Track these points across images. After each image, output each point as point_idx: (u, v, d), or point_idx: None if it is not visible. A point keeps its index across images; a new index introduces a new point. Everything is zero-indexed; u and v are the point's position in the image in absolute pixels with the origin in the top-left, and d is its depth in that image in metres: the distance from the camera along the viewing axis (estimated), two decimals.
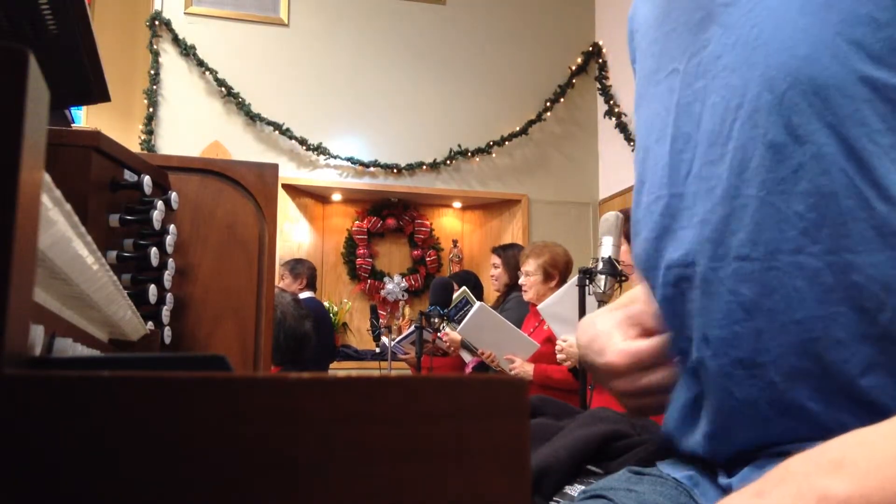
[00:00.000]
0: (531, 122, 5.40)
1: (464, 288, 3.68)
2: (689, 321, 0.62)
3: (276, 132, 4.98)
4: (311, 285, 4.29)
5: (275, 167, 1.33)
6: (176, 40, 4.90)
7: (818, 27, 0.51)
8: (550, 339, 3.10)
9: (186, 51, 4.89)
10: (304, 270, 4.26)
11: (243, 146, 4.91)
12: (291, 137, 4.99)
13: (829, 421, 0.53)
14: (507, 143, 5.35)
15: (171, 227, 1.10)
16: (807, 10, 0.52)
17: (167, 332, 1.11)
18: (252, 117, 4.95)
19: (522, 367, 3.08)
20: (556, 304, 2.85)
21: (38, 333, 0.38)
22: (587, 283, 2.39)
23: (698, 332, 0.60)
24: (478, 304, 3.23)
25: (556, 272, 3.21)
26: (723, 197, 0.57)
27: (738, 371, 0.57)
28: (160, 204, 1.03)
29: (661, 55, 0.69)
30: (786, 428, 0.55)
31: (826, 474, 0.43)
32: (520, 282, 3.31)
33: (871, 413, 0.51)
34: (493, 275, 3.89)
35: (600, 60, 5.50)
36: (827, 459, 0.45)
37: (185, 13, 4.97)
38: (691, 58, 0.63)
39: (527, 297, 3.28)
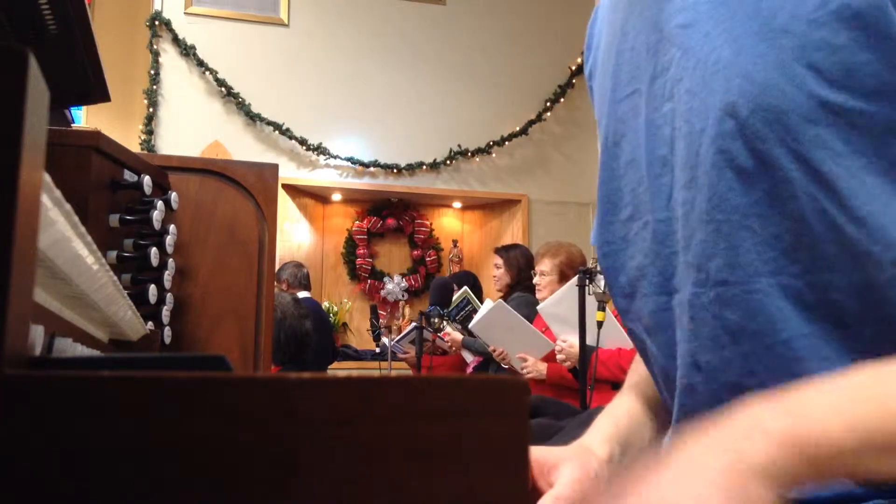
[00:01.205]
0: (531, 122, 5.40)
1: (465, 288, 3.68)
2: (677, 348, 0.61)
3: (276, 132, 4.98)
4: (299, 286, 4.22)
5: (275, 167, 1.33)
6: (176, 40, 4.90)
7: (775, 53, 0.51)
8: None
9: (186, 51, 4.90)
10: (283, 275, 4.19)
11: (243, 146, 4.91)
12: (291, 137, 4.99)
13: None
14: (507, 143, 5.35)
15: (171, 228, 1.10)
16: (764, 36, 0.52)
17: (167, 332, 1.11)
18: (252, 117, 4.95)
19: (535, 366, 3.07)
20: (556, 305, 2.85)
21: (38, 333, 0.38)
22: (587, 283, 2.39)
23: (688, 358, 0.60)
24: (497, 301, 3.23)
25: (571, 273, 3.20)
26: (698, 222, 0.57)
27: (728, 395, 0.57)
28: (160, 204, 1.03)
29: (618, 74, 0.68)
30: None
31: (770, 414, 0.42)
32: (534, 281, 3.31)
33: None
34: (495, 275, 3.90)
35: None
36: (778, 403, 0.44)
37: (185, 13, 4.97)
38: (653, 80, 0.62)
39: (540, 296, 3.27)
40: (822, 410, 0.42)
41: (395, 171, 5.20)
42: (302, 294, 4.08)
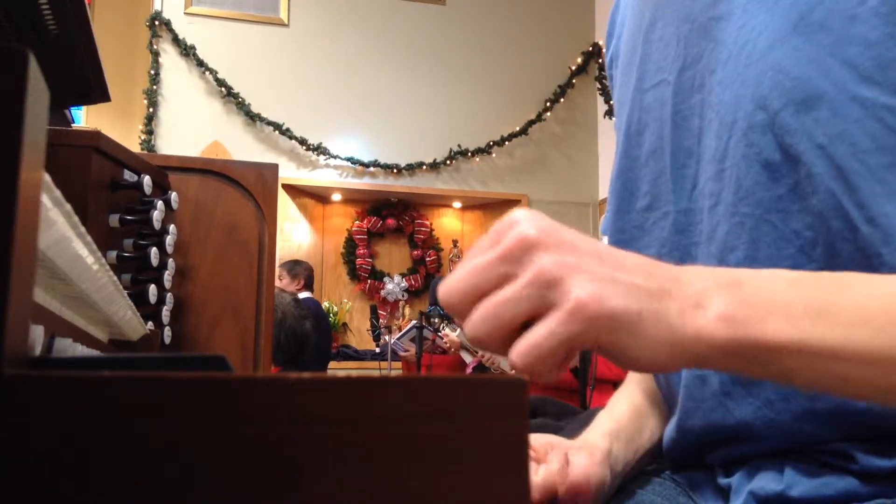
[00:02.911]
0: (531, 122, 5.40)
1: None
2: None
3: (276, 132, 4.98)
4: (308, 286, 4.30)
5: (275, 167, 1.33)
6: (176, 40, 4.90)
7: (812, 47, 0.51)
8: None
9: (186, 51, 4.90)
10: (301, 271, 4.27)
11: (243, 146, 4.91)
12: (291, 137, 4.99)
13: (820, 438, 0.53)
14: (507, 143, 5.35)
15: (171, 227, 1.10)
16: (800, 30, 0.52)
17: (167, 332, 1.11)
18: (252, 117, 4.95)
19: None
20: None
21: (38, 333, 0.38)
22: None
23: None
24: None
25: None
26: (723, 214, 0.57)
27: (737, 389, 0.57)
28: (160, 204, 1.03)
29: (645, 64, 0.68)
30: (780, 442, 0.55)
31: (715, 289, 0.42)
32: None
33: (860, 432, 0.51)
34: None
35: (600, 60, 5.50)
36: (724, 277, 0.44)
37: (185, 13, 4.97)
38: (683, 70, 0.62)
39: None
40: (774, 304, 0.42)
41: (395, 171, 5.20)
42: (305, 295, 4.11)
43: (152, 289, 0.97)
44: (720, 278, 0.43)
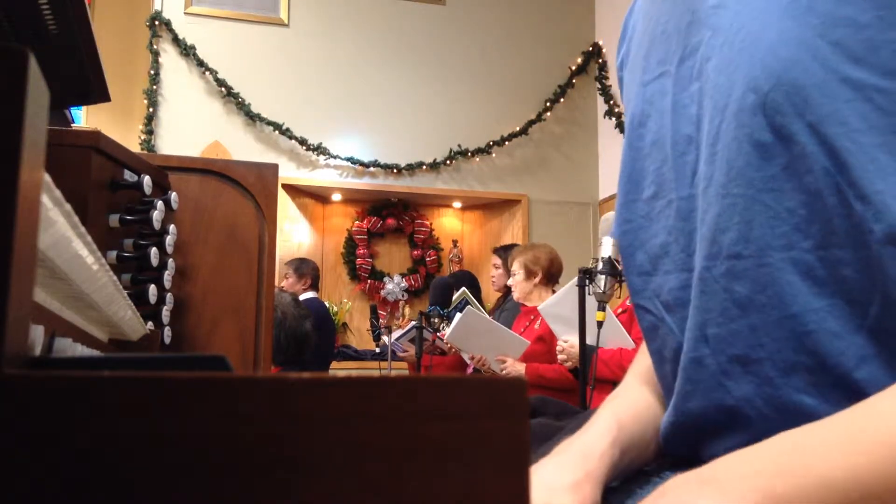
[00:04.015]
0: (531, 122, 5.40)
1: (463, 289, 3.69)
2: (687, 321, 0.62)
3: (276, 132, 4.98)
4: (314, 285, 4.31)
5: (275, 167, 1.33)
6: (176, 40, 4.90)
7: (800, 29, 0.52)
8: (542, 339, 3.11)
9: (186, 51, 4.90)
10: (308, 270, 4.28)
11: (243, 146, 4.91)
12: (291, 137, 4.99)
13: (823, 416, 0.53)
14: (507, 143, 5.35)
15: (171, 227, 1.10)
16: (790, 13, 0.53)
17: (167, 332, 1.11)
18: (252, 117, 4.95)
19: (513, 367, 3.08)
20: (557, 305, 2.85)
21: (38, 333, 0.38)
22: (587, 283, 2.39)
23: (697, 331, 0.60)
24: (465, 308, 3.26)
25: (537, 269, 3.23)
26: (714, 196, 0.58)
27: (735, 368, 0.57)
28: (160, 204, 1.03)
29: (648, 57, 0.69)
30: (781, 423, 0.55)
31: (696, 490, 0.44)
32: (508, 282, 3.35)
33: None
34: (493, 276, 3.91)
35: (600, 60, 5.50)
36: (698, 477, 0.46)
37: (185, 13, 4.97)
38: (683, 61, 0.64)
39: (515, 296, 3.31)
40: (745, 481, 0.44)
41: (395, 171, 5.20)
42: (310, 294, 4.11)
43: (152, 289, 0.97)
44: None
